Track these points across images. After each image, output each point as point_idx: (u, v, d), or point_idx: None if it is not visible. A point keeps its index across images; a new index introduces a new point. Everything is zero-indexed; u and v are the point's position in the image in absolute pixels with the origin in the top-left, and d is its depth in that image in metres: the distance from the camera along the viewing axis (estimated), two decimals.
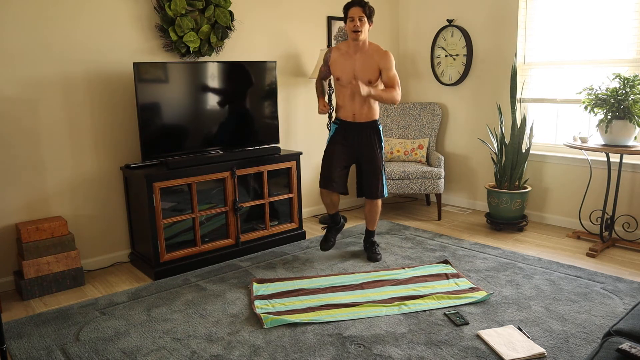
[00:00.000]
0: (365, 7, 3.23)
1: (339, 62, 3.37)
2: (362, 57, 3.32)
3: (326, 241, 3.62)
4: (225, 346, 2.47)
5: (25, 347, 2.51)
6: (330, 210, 3.61)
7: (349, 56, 3.35)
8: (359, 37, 3.25)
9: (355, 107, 3.37)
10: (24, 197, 3.25)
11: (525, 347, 2.36)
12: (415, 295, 2.95)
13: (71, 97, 3.35)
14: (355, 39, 3.26)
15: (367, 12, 3.23)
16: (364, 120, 3.40)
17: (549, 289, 3.02)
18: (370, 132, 3.42)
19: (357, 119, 3.40)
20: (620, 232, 3.86)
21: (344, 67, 3.34)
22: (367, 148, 3.42)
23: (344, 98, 3.40)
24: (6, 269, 3.25)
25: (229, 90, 3.73)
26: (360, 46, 3.31)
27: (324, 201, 3.57)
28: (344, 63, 3.35)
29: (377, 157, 3.43)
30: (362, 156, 3.44)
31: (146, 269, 3.45)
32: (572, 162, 4.14)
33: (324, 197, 3.54)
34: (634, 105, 3.36)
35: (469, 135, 4.83)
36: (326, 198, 3.54)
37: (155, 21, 3.62)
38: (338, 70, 3.37)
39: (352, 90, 3.33)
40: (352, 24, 3.23)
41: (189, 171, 3.42)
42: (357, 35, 3.24)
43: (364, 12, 3.21)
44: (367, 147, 3.42)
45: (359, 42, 3.28)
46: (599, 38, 3.91)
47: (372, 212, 3.58)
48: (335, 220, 3.67)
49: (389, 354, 2.37)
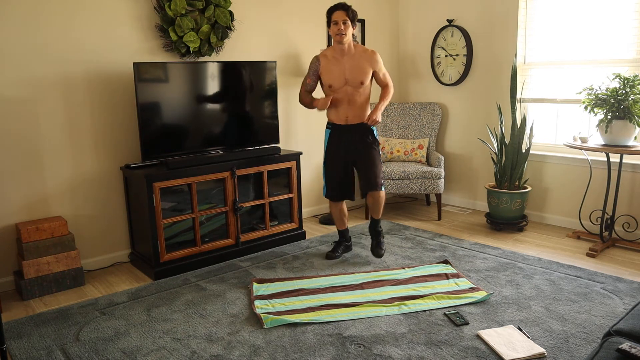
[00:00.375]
0: (349, 10, 3.27)
1: (328, 69, 3.38)
2: (350, 59, 3.35)
3: (333, 252, 3.65)
4: (225, 346, 2.47)
5: (25, 347, 2.51)
6: (339, 225, 3.67)
7: (337, 61, 3.37)
8: (343, 40, 3.29)
9: (349, 111, 3.40)
10: (24, 197, 3.25)
11: (525, 347, 2.36)
12: (415, 295, 2.95)
13: (71, 97, 3.35)
14: (340, 42, 3.30)
15: (350, 15, 3.27)
16: (357, 122, 3.42)
17: (549, 289, 3.02)
18: (364, 131, 3.44)
19: (350, 122, 3.42)
20: (620, 232, 3.86)
21: (334, 72, 3.36)
22: (362, 144, 3.43)
23: (337, 102, 3.40)
24: (6, 269, 3.25)
25: (229, 90, 3.73)
26: (346, 50, 3.35)
27: (334, 214, 3.62)
28: (334, 69, 3.37)
29: (372, 149, 3.43)
30: (357, 154, 3.45)
31: (146, 269, 3.45)
32: (572, 162, 4.14)
33: (333, 208, 3.61)
34: (634, 105, 3.36)
35: (469, 135, 4.83)
36: (335, 209, 3.60)
37: (155, 21, 3.62)
38: (329, 78, 3.38)
39: (344, 93, 3.35)
40: (336, 27, 3.27)
41: (189, 171, 3.42)
42: (342, 38, 3.28)
43: (347, 15, 3.26)
44: (361, 144, 3.43)
45: (344, 45, 3.33)
46: (599, 38, 3.91)
47: (376, 203, 3.53)
48: (346, 237, 3.71)
49: (389, 354, 2.37)
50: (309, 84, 3.49)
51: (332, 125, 3.47)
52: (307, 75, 3.48)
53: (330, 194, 3.55)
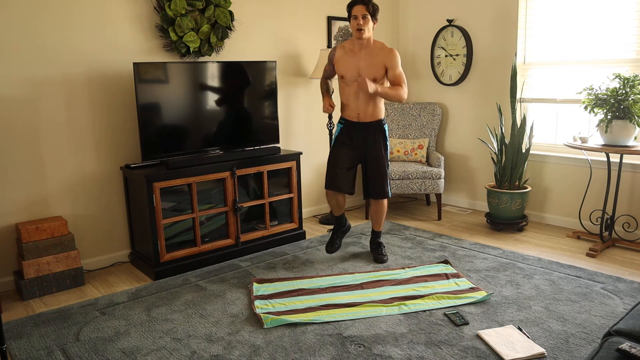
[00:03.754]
0: (369, 4, 3.20)
1: (343, 60, 3.35)
2: (367, 55, 3.29)
3: (332, 244, 3.61)
4: (225, 346, 2.47)
5: (25, 347, 2.51)
6: (335, 212, 3.59)
7: (353, 54, 3.33)
8: (362, 35, 3.22)
9: (360, 106, 3.34)
10: (24, 197, 3.25)
11: (525, 347, 2.36)
12: (415, 295, 2.95)
13: (71, 97, 3.35)
14: (359, 37, 3.24)
15: (370, 10, 3.21)
16: (369, 120, 3.37)
17: (549, 289, 3.02)
18: (375, 131, 3.39)
19: (362, 119, 3.37)
20: (620, 232, 3.86)
21: (348, 65, 3.32)
22: (372, 148, 3.39)
23: (348, 97, 3.37)
24: (6, 269, 3.26)
25: (229, 90, 3.73)
26: (365, 44, 3.29)
27: (330, 202, 3.55)
28: (348, 61, 3.33)
29: (382, 156, 3.40)
30: (367, 156, 3.42)
31: (146, 269, 3.45)
32: (572, 162, 4.14)
33: (329, 197, 3.52)
34: (634, 105, 3.36)
35: (469, 135, 4.83)
36: (331, 199, 3.51)
37: (155, 21, 3.62)
38: (342, 68, 3.36)
39: (356, 88, 3.30)
40: (355, 22, 3.21)
41: (189, 171, 3.42)
42: (361, 34, 3.21)
43: (367, 10, 3.19)
44: (372, 146, 3.39)
45: (363, 40, 3.26)
46: (599, 38, 3.91)
47: (378, 212, 3.56)
48: (341, 222, 3.66)
49: (389, 354, 2.37)
50: (327, 71, 3.52)
51: (345, 121, 3.45)
52: (327, 63, 3.51)
53: (327, 182, 3.45)
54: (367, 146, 3.40)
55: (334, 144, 3.48)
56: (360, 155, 3.44)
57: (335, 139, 3.49)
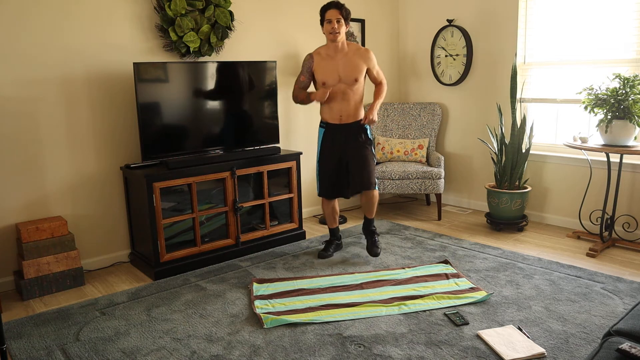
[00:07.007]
0: (342, 9, 3.31)
1: (321, 67, 3.41)
2: (343, 57, 3.39)
3: (325, 251, 3.66)
4: (225, 346, 2.47)
5: (25, 347, 2.51)
6: (330, 223, 3.68)
7: (330, 59, 3.40)
8: (337, 39, 3.33)
9: (344, 108, 3.41)
10: (24, 197, 3.25)
11: (525, 347, 2.36)
12: (415, 295, 2.95)
13: (71, 97, 3.35)
14: (333, 40, 3.34)
15: (344, 14, 3.32)
16: (351, 120, 3.44)
17: (549, 289, 3.02)
18: (357, 130, 3.45)
19: (344, 120, 3.43)
20: (620, 232, 3.86)
21: (328, 70, 3.38)
22: (355, 143, 3.44)
23: (333, 100, 3.41)
24: (6, 269, 3.25)
25: (229, 90, 3.73)
26: (339, 47, 3.38)
27: (325, 211, 3.64)
28: (327, 66, 3.39)
29: (365, 148, 3.44)
30: (351, 153, 3.45)
31: (146, 269, 3.45)
32: (572, 162, 4.14)
33: (325, 205, 3.63)
34: (634, 105, 3.36)
35: (469, 135, 4.83)
36: (327, 206, 3.62)
37: (155, 21, 3.62)
38: (323, 75, 3.40)
39: (340, 91, 3.37)
40: (329, 26, 3.31)
41: (189, 171, 3.42)
42: (336, 37, 3.32)
43: (340, 14, 3.30)
44: (354, 142, 3.44)
45: (338, 43, 3.36)
46: (599, 38, 3.91)
47: (369, 203, 3.54)
48: (336, 234, 3.73)
49: (389, 354, 2.37)
50: (303, 82, 3.50)
51: (326, 125, 3.48)
52: (300, 73, 3.50)
53: (324, 193, 3.56)
54: (350, 143, 3.45)
55: (321, 151, 3.52)
56: (345, 154, 3.47)
57: (320, 145, 3.52)
